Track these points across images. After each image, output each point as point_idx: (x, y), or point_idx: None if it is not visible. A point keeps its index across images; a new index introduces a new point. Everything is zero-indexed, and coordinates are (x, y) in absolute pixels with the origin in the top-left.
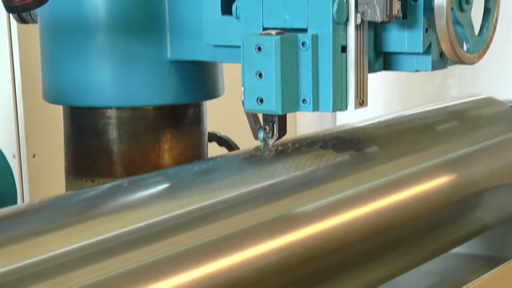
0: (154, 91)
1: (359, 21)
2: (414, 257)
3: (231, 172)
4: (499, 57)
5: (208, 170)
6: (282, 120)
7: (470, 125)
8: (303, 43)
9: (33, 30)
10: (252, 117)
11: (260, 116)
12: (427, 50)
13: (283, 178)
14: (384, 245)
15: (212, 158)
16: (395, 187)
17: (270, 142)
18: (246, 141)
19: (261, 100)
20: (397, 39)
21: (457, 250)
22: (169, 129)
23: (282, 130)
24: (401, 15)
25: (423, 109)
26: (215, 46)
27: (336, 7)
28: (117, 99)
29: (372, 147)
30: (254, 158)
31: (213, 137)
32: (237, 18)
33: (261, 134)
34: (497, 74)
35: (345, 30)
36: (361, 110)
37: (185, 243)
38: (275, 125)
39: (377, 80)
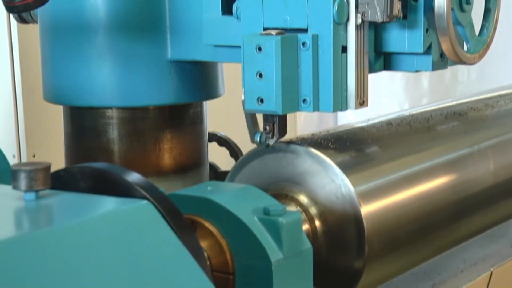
0: (154, 91)
1: (359, 21)
2: (413, 257)
3: None
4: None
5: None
6: (283, 120)
7: (471, 125)
8: (303, 43)
9: (33, 30)
10: (251, 119)
11: (260, 117)
12: (427, 50)
13: (380, 148)
14: (384, 245)
15: None
16: (395, 187)
17: (271, 142)
18: (246, 141)
19: (261, 100)
20: (398, 39)
21: None
22: (169, 129)
23: (283, 130)
24: (401, 15)
25: (424, 109)
26: (215, 46)
27: (336, 7)
28: (118, 99)
29: (372, 147)
30: None
31: (213, 137)
32: (238, 18)
33: (257, 137)
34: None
35: (346, 30)
36: (362, 110)
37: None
38: (275, 125)
39: None
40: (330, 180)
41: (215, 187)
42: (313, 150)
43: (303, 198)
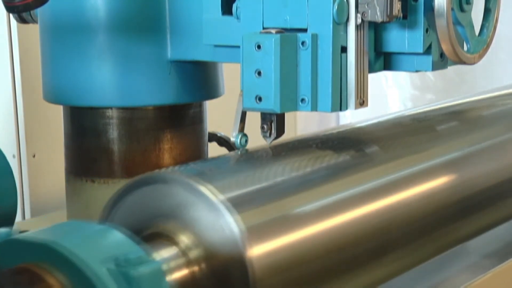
0: (154, 91)
1: (359, 21)
2: (414, 257)
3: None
4: None
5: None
6: (280, 119)
7: (471, 125)
8: (302, 43)
9: (33, 30)
10: (240, 118)
11: (257, 115)
12: (427, 50)
13: (283, 178)
14: (384, 245)
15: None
16: (395, 187)
17: (268, 141)
18: None
19: (260, 99)
20: (398, 39)
21: None
22: (169, 129)
23: (280, 130)
24: (401, 15)
25: (424, 109)
26: (215, 46)
27: (336, 7)
28: (117, 99)
29: (372, 147)
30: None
31: (213, 137)
32: (237, 18)
33: (237, 139)
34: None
35: (345, 31)
36: (363, 110)
37: (301, 202)
38: (273, 124)
39: None
40: (212, 216)
41: (69, 228)
42: (188, 179)
43: (183, 239)
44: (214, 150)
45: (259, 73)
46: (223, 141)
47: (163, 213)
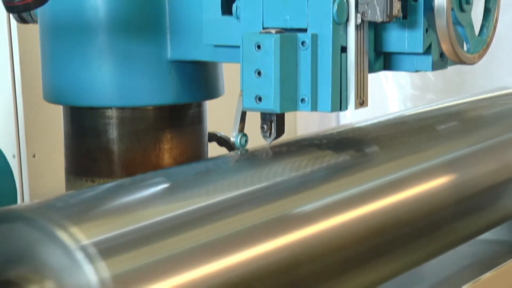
0: (154, 91)
1: (359, 21)
2: (414, 257)
3: (230, 173)
4: None
5: (208, 170)
6: (280, 119)
7: (471, 125)
8: (302, 43)
9: (33, 30)
10: (240, 118)
11: (257, 115)
12: (427, 50)
13: (283, 178)
14: (384, 245)
15: (212, 158)
16: (395, 187)
17: (268, 141)
18: None
19: (260, 99)
20: (397, 39)
21: (485, 236)
22: (169, 129)
23: (280, 130)
24: (401, 15)
25: (424, 109)
26: (215, 46)
27: (336, 7)
28: (117, 99)
29: (372, 147)
30: (253, 158)
31: (213, 137)
32: (237, 18)
33: (237, 139)
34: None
35: (345, 31)
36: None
37: (183, 244)
38: (273, 124)
39: None
40: (69, 263)
41: None
42: (39, 218)
43: None
44: (214, 150)
45: (259, 73)
46: (223, 141)
47: (14, 258)
